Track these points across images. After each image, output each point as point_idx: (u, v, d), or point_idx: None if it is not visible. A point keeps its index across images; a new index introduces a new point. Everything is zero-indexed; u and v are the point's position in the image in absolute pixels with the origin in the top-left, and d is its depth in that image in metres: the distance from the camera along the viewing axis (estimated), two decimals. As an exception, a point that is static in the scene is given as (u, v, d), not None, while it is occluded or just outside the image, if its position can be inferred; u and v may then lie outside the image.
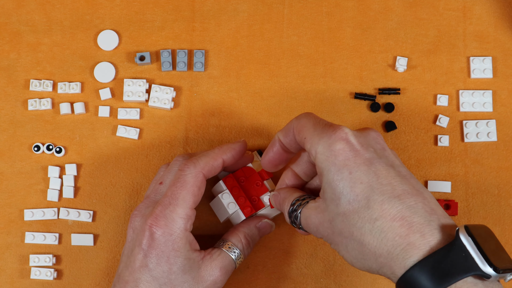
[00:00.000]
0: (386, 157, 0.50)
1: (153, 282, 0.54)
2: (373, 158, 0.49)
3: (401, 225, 0.46)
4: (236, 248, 0.59)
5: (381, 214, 0.47)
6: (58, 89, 0.67)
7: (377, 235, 0.47)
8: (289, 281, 0.65)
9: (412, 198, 0.47)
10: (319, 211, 0.51)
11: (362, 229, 0.47)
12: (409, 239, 0.46)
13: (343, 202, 0.48)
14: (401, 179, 0.48)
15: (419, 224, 0.46)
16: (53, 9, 0.68)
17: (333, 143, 0.49)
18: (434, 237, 0.46)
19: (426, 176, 0.66)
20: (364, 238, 0.47)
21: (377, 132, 0.52)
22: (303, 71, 0.67)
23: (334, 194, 0.49)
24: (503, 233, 0.65)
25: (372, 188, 0.47)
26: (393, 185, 0.48)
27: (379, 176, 0.48)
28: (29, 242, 0.65)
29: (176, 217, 0.54)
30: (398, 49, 0.68)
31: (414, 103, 0.67)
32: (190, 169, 0.56)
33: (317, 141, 0.50)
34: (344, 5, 0.68)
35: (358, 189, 0.48)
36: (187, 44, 0.68)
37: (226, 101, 0.67)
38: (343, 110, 0.67)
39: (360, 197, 0.47)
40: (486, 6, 0.69)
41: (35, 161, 0.66)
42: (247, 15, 0.68)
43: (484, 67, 0.67)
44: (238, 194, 0.61)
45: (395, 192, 0.47)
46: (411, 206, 0.47)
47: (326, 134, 0.50)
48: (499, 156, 0.66)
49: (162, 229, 0.54)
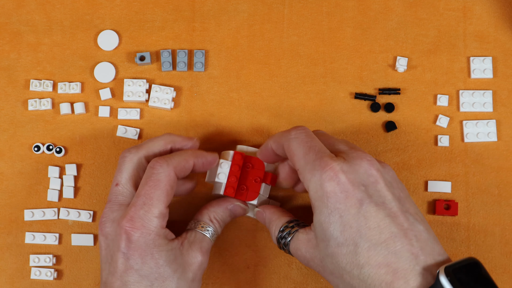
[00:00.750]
0: (378, 194, 0.51)
1: (143, 281, 0.53)
2: (363, 199, 0.50)
3: (386, 272, 0.48)
4: (209, 226, 0.59)
5: (367, 261, 0.48)
6: (58, 89, 0.67)
7: (364, 280, 0.48)
8: (289, 281, 0.65)
9: (399, 242, 0.48)
10: (310, 246, 0.53)
11: (350, 273, 0.49)
12: (393, 286, 0.47)
13: (332, 244, 0.50)
14: (390, 220, 0.49)
15: (404, 270, 0.47)
16: (53, 9, 0.68)
17: (324, 183, 0.50)
18: (417, 282, 0.47)
19: (426, 176, 0.66)
20: (353, 282, 0.49)
21: (371, 160, 0.52)
22: (303, 71, 0.67)
23: (325, 235, 0.50)
24: (503, 233, 0.65)
25: (360, 234, 0.49)
26: (380, 228, 0.49)
27: (368, 219, 0.49)
28: (29, 242, 0.65)
29: (152, 217, 0.54)
30: (398, 49, 0.68)
31: (414, 103, 0.67)
32: (163, 167, 0.55)
33: (308, 178, 0.52)
34: (344, 5, 0.68)
35: (347, 233, 0.49)
36: (187, 44, 0.68)
37: (226, 101, 0.67)
38: (343, 110, 0.67)
39: (348, 241, 0.49)
40: (486, 6, 0.68)
41: (35, 161, 0.66)
42: (247, 15, 0.68)
43: (484, 67, 0.67)
44: (235, 172, 0.61)
45: (382, 236, 0.49)
46: (396, 252, 0.48)
47: (317, 171, 0.51)
48: (499, 156, 0.66)
49: (139, 230, 0.53)
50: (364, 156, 0.52)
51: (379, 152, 0.66)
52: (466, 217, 0.65)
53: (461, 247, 0.65)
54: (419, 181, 0.66)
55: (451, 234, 0.65)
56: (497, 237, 0.65)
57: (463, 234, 0.65)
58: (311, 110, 0.67)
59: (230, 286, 0.64)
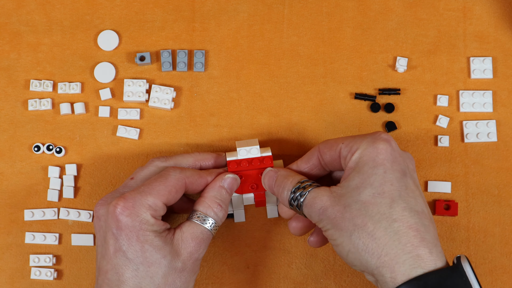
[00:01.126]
0: (414, 179, 0.53)
1: (130, 264, 0.53)
2: (406, 172, 0.52)
3: (415, 235, 0.49)
4: (207, 216, 0.57)
5: (400, 218, 0.49)
6: (58, 89, 0.67)
7: (391, 234, 0.49)
8: (289, 281, 0.65)
9: (427, 220, 0.51)
10: (335, 195, 0.52)
11: (378, 223, 0.49)
12: (418, 251, 0.48)
13: (368, 192, 0.51)
14: (422, 201, 0.52)
15: (429, 242, 0.49)
16: (53, 9, 0.68)
17: (377, 141, 0.52)
18: (439, 257, 0.49)
19: (426, 176, 0.66)
20: (376, 232, 0.49)
21: (412, 159, 0.56)
22: (303, 71, 0.67)
23: (363, 183, 0.51)
24: (503, 233, 0.65)
25: (399, 193, 0.50)
26: (416, 201, 0.51)
27: (408, 188, 0.51)
28: (29, 242, 0.65)
29: (145, 203, 0.54)
30: (398, 50, 0.68)
31: (414, 104, 0.67)
32: (176, 171, 0.56)
33: (360, 141, 0.53)
34: (344, 5, 0.68)
35: (387, 188, 0.50)
36: (187, 44, 0.68)
37: (226, 101, 0.67)
38: (343, 111, 0.67)
39: (386, 195, 0.50)
40: (486, 6, 0.68)
41: (35, 161, 0.66)
42: (247, 15, 0.68)
43: (484, 67, 0.67)
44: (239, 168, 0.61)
45: (416, 207, 0.51)
46: (426, 225, 0.50)
47: (369, 135, 0.54)
48: (499, 157, 0.66)
49: (128, 210, 0.53)
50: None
51: (379, 152, 0.66)
52: (466, 217, 0.65)
53: (461, 247, 0.65)
54: (419, 181, 0.66)
55: (451, 234, 0.65)
56: (497, 237, 0.65)
57: (463, 234, 0.65)
58: (311, 110, 0.67)
59: (230, 286, 0.64)
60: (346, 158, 0.54)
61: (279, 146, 0.66)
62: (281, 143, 0.66)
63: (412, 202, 0.51)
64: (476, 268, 0.64)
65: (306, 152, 0.59)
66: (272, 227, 0.65)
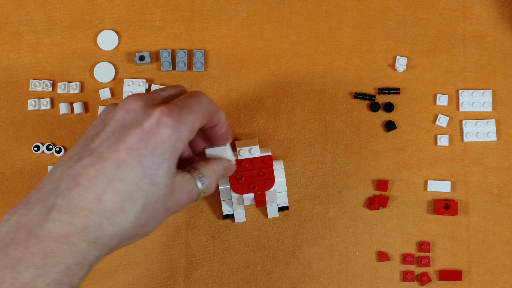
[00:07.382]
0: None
1: (138, 168, 0.47)
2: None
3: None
4: (206, 180, 0.54)
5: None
6: (58, 89, 0.67)
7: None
8: (289, 281, 0.65)
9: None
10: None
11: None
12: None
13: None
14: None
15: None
16: (53, 9, 0.68)
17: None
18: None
19: (426, 176, 0.66)
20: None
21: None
22: (303, 71, 0.67)
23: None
24: (503, 232, 0.65)
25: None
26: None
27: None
28: (29, 242, 0.65)
29: (187, 120, 0.49)
30: (397, 49, 0.68)
31: (414, 103, 0.67)
32: (206, 96, 0.52)
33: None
34: (343, 5, 0.68)
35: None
36: (187, 44, 0.68)
37: (226, 101, 0.67)
38: (342, 110, 0.67)
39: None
40: (486, 6, 0.69)
41: (35, 161, 0.66)
42: (247, 15, 0.68)
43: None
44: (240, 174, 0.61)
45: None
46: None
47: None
48: (499, 156, 0.66)
49: (172, 121, 0.48)
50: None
51: (379, 152, 0.66)
52: (466, 216, 0.65)
53: (461, 247, 0.65)
54: (419, 181, 0.66)
55: (451, 234, 0.65)
56: (497, 236, 0.65)
57: (463, 234, 0.65)
58: (311, 110, 0.67)
59: (230, 286, 0.64)
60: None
61: (279, 146, 0.66)
62: (281, 143, 0.66)
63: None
64: (476, 268, 0.64)
65: (306, 152, 0.59)
66: (272, 227, 0.65)
